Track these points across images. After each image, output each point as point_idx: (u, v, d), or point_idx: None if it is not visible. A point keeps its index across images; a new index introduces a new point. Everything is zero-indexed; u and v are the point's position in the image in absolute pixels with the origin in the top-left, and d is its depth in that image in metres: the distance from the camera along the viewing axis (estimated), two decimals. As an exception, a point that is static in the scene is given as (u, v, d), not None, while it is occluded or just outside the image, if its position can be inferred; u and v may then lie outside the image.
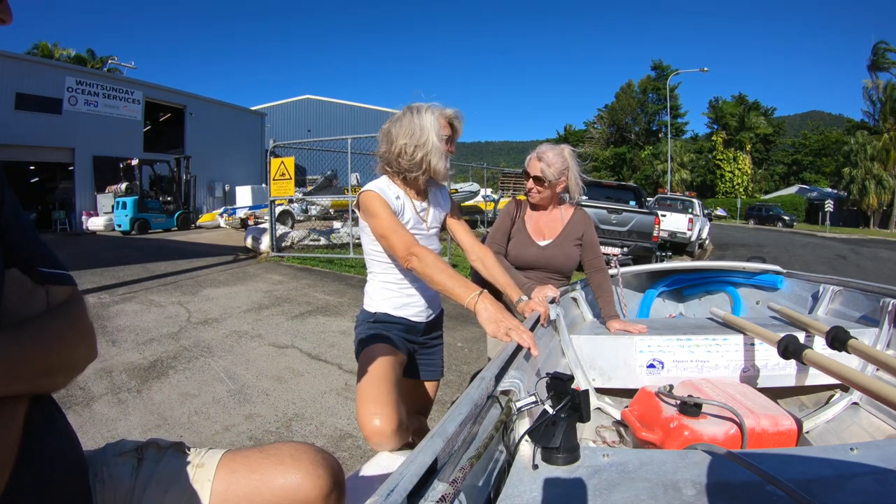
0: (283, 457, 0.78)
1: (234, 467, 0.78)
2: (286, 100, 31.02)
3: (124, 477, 0.75)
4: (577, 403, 0.81)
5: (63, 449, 0.67)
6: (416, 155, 1.40)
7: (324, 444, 2.48)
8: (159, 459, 0.79)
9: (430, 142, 1.40)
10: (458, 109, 1.50)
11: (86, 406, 2.82)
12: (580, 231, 2.01)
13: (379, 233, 1.37)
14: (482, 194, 14.51)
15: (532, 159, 1.94)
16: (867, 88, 30.00)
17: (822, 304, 2.10)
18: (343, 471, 0.85)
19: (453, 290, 1.22)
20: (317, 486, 0.76)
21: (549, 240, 2.00)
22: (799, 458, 0.79)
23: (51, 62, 19.47)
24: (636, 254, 8.17)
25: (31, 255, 0.65)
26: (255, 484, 0.76)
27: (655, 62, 42.97)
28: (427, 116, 1.41)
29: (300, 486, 0.76)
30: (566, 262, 2.00)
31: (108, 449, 0.79)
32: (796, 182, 42.68)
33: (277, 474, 0.76)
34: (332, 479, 0.79)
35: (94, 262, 7.51)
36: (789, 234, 22.43)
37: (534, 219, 2.05)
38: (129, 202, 14.66)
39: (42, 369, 0.61)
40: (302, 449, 0.80)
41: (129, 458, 0.77)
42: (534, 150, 1.97)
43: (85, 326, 0.69)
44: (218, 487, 0.76)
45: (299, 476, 0.76)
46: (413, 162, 1.41)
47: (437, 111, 1.44)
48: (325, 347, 3.88)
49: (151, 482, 0.76)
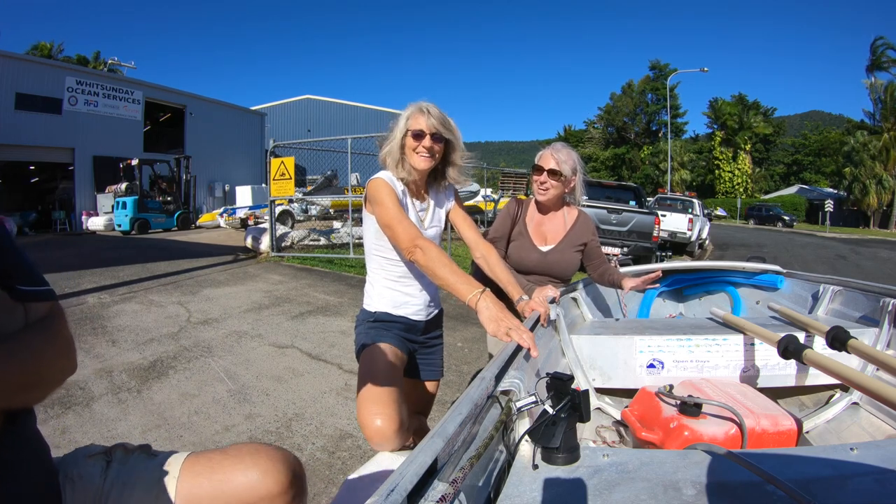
0: (243, 456, 0.83)
1: (197, 469, 0.82)
2: (286, 100, 30.99)
3: (94, 478, 0.79)
4: (577, 403, 0.81)
5: (29, 458, 0.68)
6: (382, 150, 1.49)
7: (324, 444, 2.48)
8: (126, 461, 0.83)
9: (390, 139, 1.47)
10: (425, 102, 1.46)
11: (86, 406, 2.82)
12: (583, 238, 2.00)
13: (384, 222, 1.36)
14: (482, 194, 14.50)
15: (546, 155, 1.92)
16: (871, 87, 29.96)
17: (822, 304, 2.10)
18: (302, 466, 0.89)
19: (455, 286, 1.21)
20: (276, 482, 0.81)
21: (551, 245, 1.98)
22: (799, 458, 0.79)
23: (51, 62, 19.48)
24: (636, 254, 8.17)
25: (11, 273, 0.66)
26: (217, 483, 0.80)
27: (653, 62, 43.02)
28: (403, 114, 1.47)
29: (260, 482, 0.80)
30: (568, 268, 2.00)
31: (78, 452, 0.83)
32: (796, 182, 42.72)
33: (238, 473, 0.81)
34: (290, 474, 0.83)
35: (94, 262, 7.52)
36: (789, 234, 22.43)
37: (536, 221, 2.02)
38: (129, 202, 14.67)
39: (19, 385, 0.62)
40: (261, 448, 0.85)
41: (98, 461, 0.81)
42: (545, 147, 1.96)
43: (64, 341, 0.71)
44: (182, 488, 0.80)
45: (258, 473, 0.81)
46: (390, 156, 1.47)
47: (410, 109, 1.47)
48: (325, 347, 3.88)
49: (118, 483, 0.79)
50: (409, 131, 1.44)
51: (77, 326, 4.21)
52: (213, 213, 16.40)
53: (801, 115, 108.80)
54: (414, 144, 1.43)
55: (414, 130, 1.43)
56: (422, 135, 1.42)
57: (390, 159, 1.46)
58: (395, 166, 1.46)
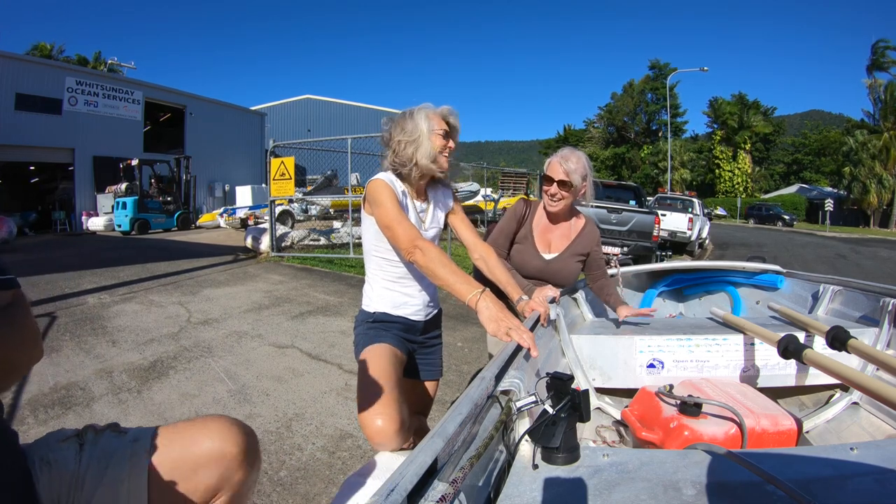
0: (207, 423, 0.92)
1: (166, 439, 0.89)
2: (286, 100, 30.99)
3: (69, 462, 0.82)
4: (577, 403, 0.81)
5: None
6: (406, 150, 1.44)
7: (324, 444, 2.48)
8: (97, 441, 0.87)
9: (419, 139, 1.43)
10: (450, 106, 1.51)
11: (86, 406, 2.82)
12: (587, 248, 1.98)
13: (384, 223, 1.36)
14: (482, 194, 14.51)
15: (554, 164, 1.84)
16: (871, 87, 29.96)
17: (822, 303, 2.10)
18: (257, 438, 0.99)
19: (455, 286, 1.21)
20: (235, 445, 0.90)
21: (555, 253, 1.96)
22: (799, 458, 0.79)
23: (51, 62, 19.48)
24: (636, 253, 8.17)
25: None
26: (183, 451, 0.88)
27: (653, 61, 42.98)
28: (420, 114, 1.46)
29: (221, 447, 0.89)
30: (569, 277, 1.99)
31: (49, 437, 0.86)
32: (796, 181, 42.71)
33: (202, 439, 0.89)
34: (246, 441, 0.93)
35: (94, 263, 7.52)
36: (789, 234, 22.42)
37: (542, 227, 1.98)
38: (129, 202, 14.66)
39: None
40: (221, 418, 0.95)
41: (72, 444, 0.85)
42: (553, 154, 1.90)
43: (27, 329, 0.72)
44: (154, 458, 0.86)
45: (219, 440, 0.90)
46: (405, 157, 1.45)
47: (429, 110, 1.48)
48: (326, 347, 3.88)
49: (93, 463, 0.83)
50: (441, 131, 1.46)
51: (77, 327, 4.22)
52: (213, 214, 16.39)
53: (801, 114, 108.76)
54: (442, 145, 1.46)
55: (444, 131, 1.46)
56: (448, 136, 1.48)
57: (422, 157, 1.43)
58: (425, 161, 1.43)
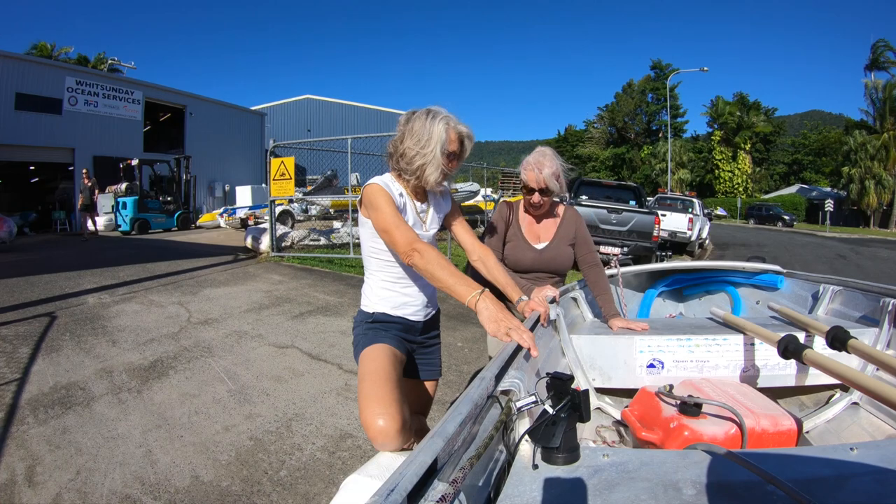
0: None
1: None
2: (286, 100, 30.98)
3: None
4: (577, 403, 0.81)
5: None
6: (414, 161, 1.41)
7: (324, 444, 2.48)
8: None
9: (431, 152, 1.39)
10: (469, 128, 1.48)
11: (86, 406, 2.82)
12: (573, 230, 2.05)
13: (381, 227, 1.36)
14: (482, 194, 14.52)
15: (530, 175, 1.90)
16: (868, 88, 29.96)
17: (822, 303, 2.10)
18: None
19: (454, 288, 1.21)
20: None
21: (545, 242, 2.04)
22: (799, 458, 0.79)
23: (51, 62, 19.44)
24: (636, 253, 8.16)
25: None
26: None
27: (654, 62, 42.99)
28: (439, 125, 1.40)
29: None
30: (564, 263, 2.04)
31: None
32: (796, 181, 42.71)
33: None
34: None
35: (94, 263, 7.52)
36: (789, 234, 22.42)
37: (528, 221, 2.07)
38: (129, 202, 14.66)
39: None
40: None
41: None
42: (526, 164, 1.93)
43: None
44: None
45: None
46: (410, 167, 1.42)
47: (452, 122, 1.43)
48: (326, 347, 3.88)
49: None
50: (449, 151, 1.43)
51: (77, 327, 4.22)
52: (213, 213, 16.40)
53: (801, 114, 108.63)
54: (447, 161, 1.43)
55: (453, 151, 1.44)
56: (454, 157, 1.46)
57: (431, 174, 1.41)
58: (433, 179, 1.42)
